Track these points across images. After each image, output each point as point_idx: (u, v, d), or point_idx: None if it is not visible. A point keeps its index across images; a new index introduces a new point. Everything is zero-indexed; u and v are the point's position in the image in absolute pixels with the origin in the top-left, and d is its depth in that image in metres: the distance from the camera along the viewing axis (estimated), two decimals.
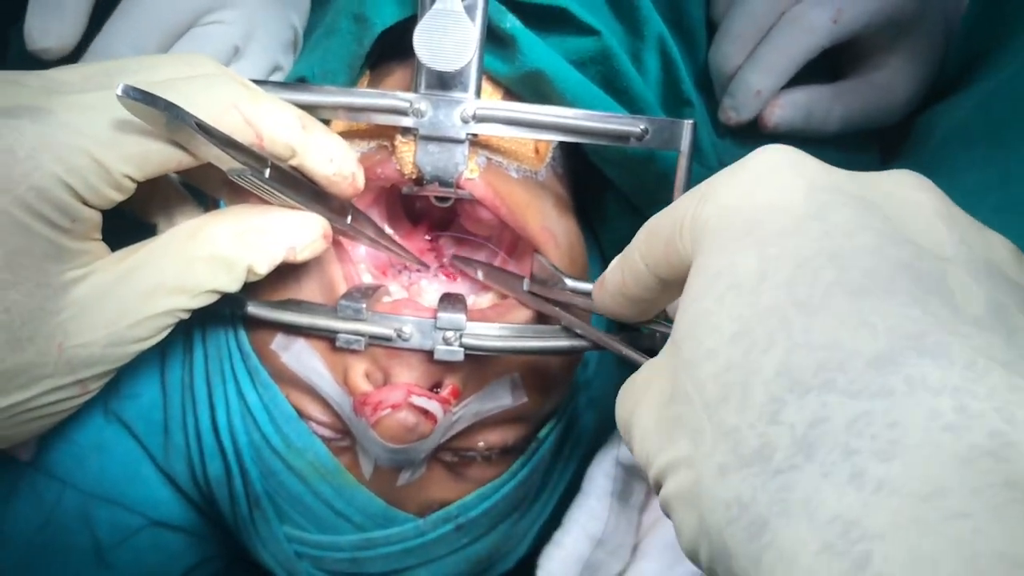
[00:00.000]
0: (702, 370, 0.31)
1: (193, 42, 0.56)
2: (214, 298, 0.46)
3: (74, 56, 0.54)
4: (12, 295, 0.41)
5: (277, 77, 0.62)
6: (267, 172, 0.45)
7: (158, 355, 0.66)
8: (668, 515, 0.33)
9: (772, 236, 0.31)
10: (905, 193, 0.32)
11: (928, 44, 0.68)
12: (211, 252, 0.46)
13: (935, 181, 0.62)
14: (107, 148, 0.41)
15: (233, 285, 0.46)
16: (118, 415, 0.66)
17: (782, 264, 0.30)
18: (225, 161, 0.43)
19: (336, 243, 0.55)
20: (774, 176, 0.33)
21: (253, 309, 0.54)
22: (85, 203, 0.42)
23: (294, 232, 0.48)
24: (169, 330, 0.46)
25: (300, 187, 0.48)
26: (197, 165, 0.44)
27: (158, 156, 0.43)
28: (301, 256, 0.49)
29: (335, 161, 0.48)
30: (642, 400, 0.36)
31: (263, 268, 0.47)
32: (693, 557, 0.31)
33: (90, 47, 0.54)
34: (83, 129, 0.41)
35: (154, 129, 0.42)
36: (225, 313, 0.58)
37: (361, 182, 0.50)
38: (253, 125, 0.44)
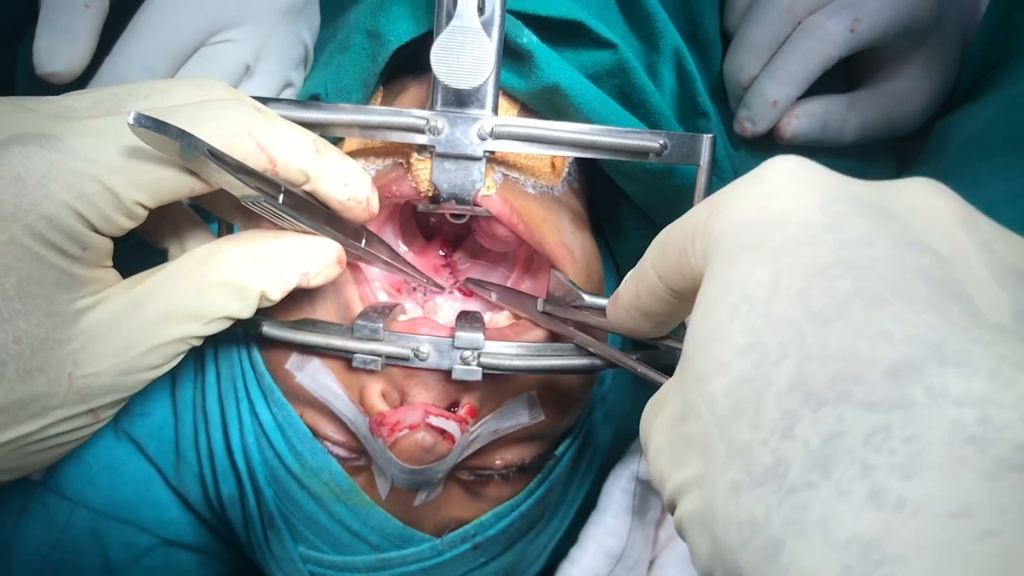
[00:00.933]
0: (713, 385, 0.30)
1: (203, 62, 0.55)
2: (227, 324, 0.46)
3: (83, 78, 0.53)
4: (22, 324, 0.40)
5: (289, 93, 0.61)
6: (281, 198, 0.45)
7: (169, 373, 0.65)
8: (682, 537, 0.31)
9: (786, 247, 0.30)
10: (922, 201, 0.31)
11: (944, 53, 0.68)
12: (223, 278, 0.45)
13: (954, 190, 0.61)
14: (118, 175, 0.40)
15: (246, 311, 0.46)
16: (128, 433, 0.66)
17: (795, 275, 0.29)
18: (238, 188, 0.43)
19: (350, 262, 0.54)
20: (787, 187, 0.32)
21: (268, 329, 0.53)
22: (96, 230, 0.41)
23: (308, 258, 0.47)
24: (182, 357, 0.46)
25: (314, 212, 0.47)
26: (210, 191, 0.44)
27: (170, 183, 0.42)
28: (315, 282, 0.48)
29: (349, 186, 0.47)
30: (655, 418, 0.35)
31: (276, 294, 0.46)
32: None
33: (100, 70, 0.53)
34: (93, 156, 0.40)
35: (166, 156, 0.41)
36: (238, 332, 0.57)
37: (375, 206, 0.49)
38: (266, 151, 0.43)
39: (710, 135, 0.51)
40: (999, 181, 0.58)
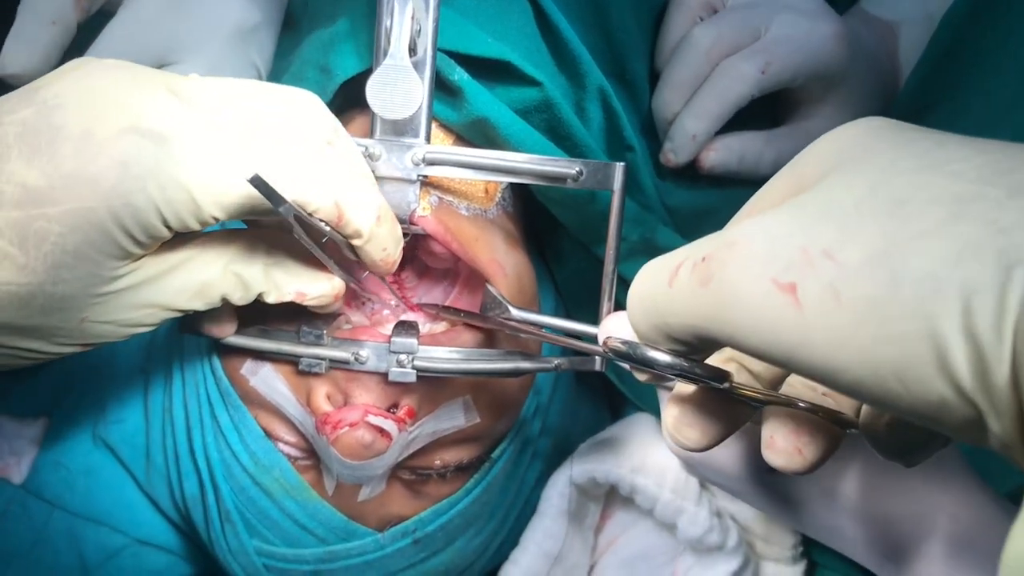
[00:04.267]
0: None
1: None
2: (219, 304, 0.52)
3: None
4: (66, 275, 0.45)
5: None
6: (325, 239, 0.50)
7: (142, 383, 0.71)
8: None
9: None
10: None
11: (858, 97, 0.74)
12: (238, 271, 0.51)
13: None
14: (207, 192, 0.45)
15: (242, 301, 0.52)
16: (105, 440, 0.70)
17: None
18: (296, 231, 0.49)
19: None
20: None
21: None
22: (167, 227, 0.46)
23: (312, 284, 0.54)
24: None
25: (336, 250, 0.53)
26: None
27: (248, 208, 0.47)
28: (306, 303, 0.54)
29: (387, 250, 0.53)
30: None
31: (271, 300, 0.53)
32: None
33: None
34: (192, 166, 0.45)
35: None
36: (201, 342, 0.62)
37: (396, 266, 0.55)
38: (340, 208, 0.49)
39: (622, 163, 0.56)
40: None
